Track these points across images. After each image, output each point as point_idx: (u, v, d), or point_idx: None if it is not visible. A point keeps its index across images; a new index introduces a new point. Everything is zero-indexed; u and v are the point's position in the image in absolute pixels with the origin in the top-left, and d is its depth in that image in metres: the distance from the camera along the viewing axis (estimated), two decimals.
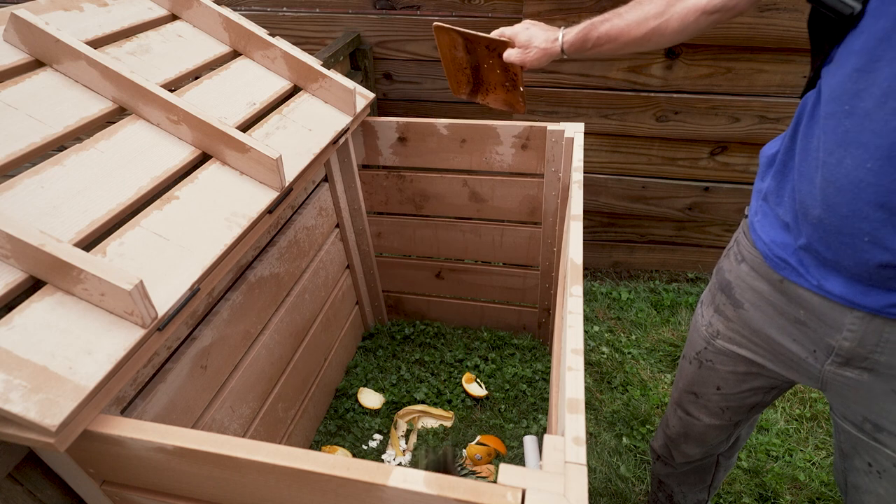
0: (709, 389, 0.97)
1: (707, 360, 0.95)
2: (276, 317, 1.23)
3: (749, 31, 1.63)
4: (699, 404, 1.00)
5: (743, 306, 0.85)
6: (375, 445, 1.45)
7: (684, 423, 1.06)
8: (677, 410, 1.06)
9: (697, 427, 1.03)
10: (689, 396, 1.02)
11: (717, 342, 0.92)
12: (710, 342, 0.93)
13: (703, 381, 0.97)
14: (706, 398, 0.98)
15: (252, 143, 0.92)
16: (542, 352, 1.69)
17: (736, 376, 0.92)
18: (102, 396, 0.65)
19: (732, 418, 0.99)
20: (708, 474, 1.16)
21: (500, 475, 0.57)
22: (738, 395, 0.94)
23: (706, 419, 1.01)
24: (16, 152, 0.75)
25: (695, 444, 1.07)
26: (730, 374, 0.92)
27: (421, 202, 1.55)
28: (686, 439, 1.07)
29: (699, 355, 0.96)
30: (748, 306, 0.84)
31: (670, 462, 1.15)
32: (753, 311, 0.84)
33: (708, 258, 2.18)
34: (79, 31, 0.95)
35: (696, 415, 1.02)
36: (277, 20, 1.95)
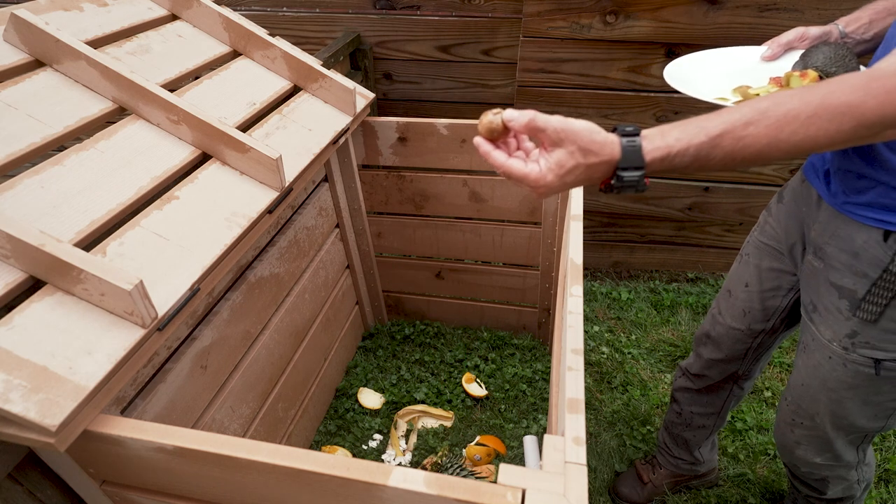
0: (739, 286, 1.09)
1: (746, 253, 1.09)
2: (276, 317, 1.23)
3: (749, 31, 1.63)
4: (729, 303, 1.12)
5: (783, 199, 1.01)
6: (375, 445, 1.45)
7: (712, 322, 1.17)
8: (712, 309, 1.18)
9: (720, 327, 1.15)
10: (725, 294, 1.14)
11: (754, 235, 1.07)
12: (753, 235, 1.08)
13: (737, 277, 1.10)
14: (735, 296, 1.10)
15: (252, 143, 0.92)
16: (542, 352, 1.69)
17: (761, 272, 1.05)
18: (102, 396, 0.65)
19: (751, 325, 1.09)
20: (720, 400, 1.26)
21: (500, 475, 0.57)
22: (760, 294, 1.06)
23: (729, 320, 1.12)
24: (16, 152, 0.75)
25: (713, 348, 1.17)
26: (756, 268, 1.06)
27: (421, 202, 1.55)
28: (707, 340, 1.19)
29: (743, 249, 1.11)
30: (786, 200, 1.00)
31: (689, 372, 1.26)
32: (788, 203, 0.99)
33: (708, 258, 2.18)
34: (79, 31, 0.95)
35: (723, 313, 1.14)
36: (277, 20, 1.95)
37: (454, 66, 1.94)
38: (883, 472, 1.49)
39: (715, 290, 2.12)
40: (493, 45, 1.86)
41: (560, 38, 1.72)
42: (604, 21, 1.67)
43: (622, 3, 1.63)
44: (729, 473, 1.49)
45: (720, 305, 1.15)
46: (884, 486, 1.46)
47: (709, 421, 1.29)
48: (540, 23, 1.70)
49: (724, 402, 1.25)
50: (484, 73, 1.94)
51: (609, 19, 1.66)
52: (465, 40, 1.87)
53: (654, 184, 2.00)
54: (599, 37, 1.70)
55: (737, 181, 1.95)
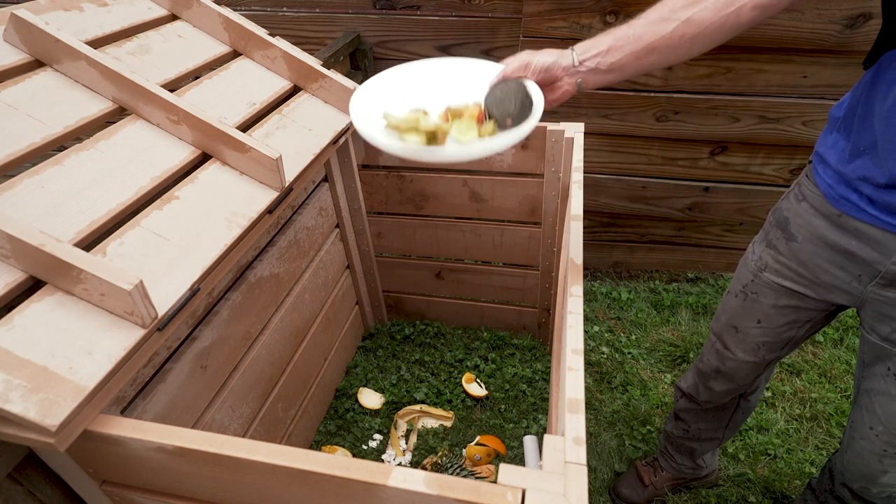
0: (749, 323, 1.04)
1: (752, 292, 1.02)
2: (276, 317, 1.23)
3: (749, 31, 1.61)
4: (738, 338, 1.07)
5: (796, 239, 0.94)
6: (375, 445, 1.45)
7: (720, 358, 1.12)
8: (715, 344, 1.12)
9: (731, 362, 1.10)
10: (730, 330, 1.08)
11: (763, 275, 1.00)
12: (757, 275, 1.01)
13: (745, 314, 1.04)
14: (745, 332, 1.05)
15: (252, 143, 0.92)
16: (542, 352, 1.69)
17: (776, 310, 1.00)
18: (102, 396, 0.65)
19: (766, 356, 1.06)
20: (727, 415, 1.23)
21: (500, 475, 0.57)
22: (775, 330, 1.02)
23: (741, 355, 1.07)
24: (16, 152, 0.75)
25: (724, 381, 1.13)
26: (771, 307, 1.00)
27: (421, 202, 1.55)
28: (717, 375, 1.14)
29: (745, 288, 1.04)
30: (801, 239, 0.93)
31: (695, 399, 1.22)
32: (805, 243, 0.92)
33: (708, 258, 2.18)
34: (79, 31, 0.95)
35: (733, 349, 1.08)
36: (277, 20, 1.95)
37: None
38: None
39: (715, 290, 2.12)
40: (493, 45, 1.86)
41: (560, 38, 1.72)
42: (604, 21, 1.67)
43: (622, 3, 1.63)
44: (729, 473, 1.49)
45: (725, 341, 1.10)
46: None
47: (717, 434, 1.28)
48: (540, 23, 1.70)
49: (732, 415, 1.24)
50: None
51: (609, 19, 1.66)
52: (465, 40, 1.87)
53: (654, 184, 2.00)
54: None
55: (737, 181, 1.95)
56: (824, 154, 0.89)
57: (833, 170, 0.87)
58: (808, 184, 0.93)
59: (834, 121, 0.88)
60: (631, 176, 2.01)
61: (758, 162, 1.90)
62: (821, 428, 1.60)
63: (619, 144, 1.93)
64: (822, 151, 0.89)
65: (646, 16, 0.79)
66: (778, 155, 1.87)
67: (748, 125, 1.81)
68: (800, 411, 1.64)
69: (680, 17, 0.76)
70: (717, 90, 1.76)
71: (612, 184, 2.03)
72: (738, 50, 1.67)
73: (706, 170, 1.94)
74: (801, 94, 1.73)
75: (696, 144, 1.89)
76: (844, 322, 1.92)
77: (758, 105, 1.76)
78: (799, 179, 0.97)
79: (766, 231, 1.02)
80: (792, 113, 1.77)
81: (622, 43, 0.78)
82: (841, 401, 1.67)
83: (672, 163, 1.94)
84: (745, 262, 1.06)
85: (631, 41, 0.78)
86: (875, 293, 0.87)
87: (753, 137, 1.83)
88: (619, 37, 0.79)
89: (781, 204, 1.00)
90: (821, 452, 1.54)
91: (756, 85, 1.73)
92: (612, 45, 0.78)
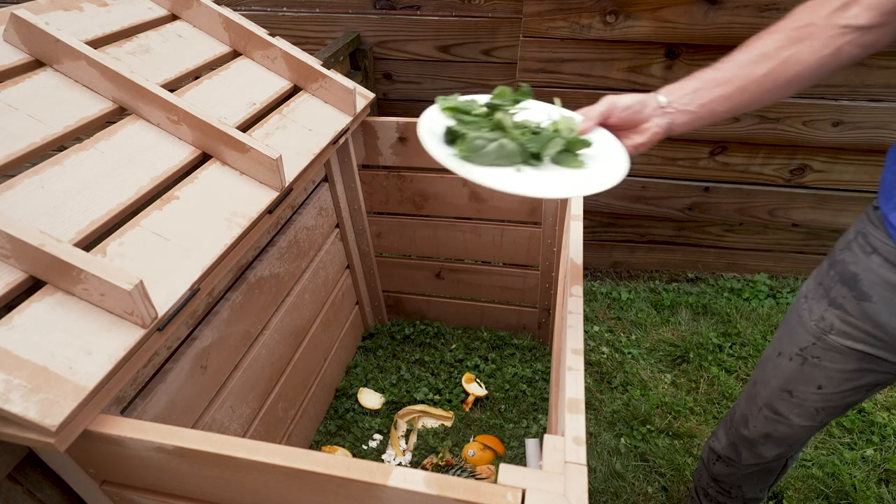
0: (808, 388, 0.93)
1: (814, 356, 0.91)
2: (276, 317, 1.23)
3: (749, 32, 1.61)
4: (793, 403, 0.96)
5: (871, 299, 0.81)
6: (375, 445, 1.45)
7: (770, 424, 1.02)
8: (763, 410, 1.02)
9: (784, 428, 1.00)
10: (783, 395, 0.97)
11: (829, 337, 0.88)
12: (820, 338, 0.89)
13: (804, 378, 0.93)
14: (802, 397, 0.95)
15: (252, 143, 0.92)
16: (542, 352, 1.69)
17: (843, 374, 0.89)
18: (102, 396, 0.65)
19: (824, 419, 0.96)
20: (773, 475, 1.14)
21: (500, 475, 0.57)
22: (839, 395, 0.91)
23: (797, 420, 0.97)
24: (16, 152, 0.75)
25: (775, 446, 1.04)
26: (837, 371, 0.89)
27: (421, 202, 1.55)
28: (767, 440, 1.04)
29: (804, 352, 0.92)
30: (877, 299, 0.81)
31: (735, 463, 1.12)
32: (882, 304, 0.80)
33: (708, 258, 2.18)
34: (79, 31, 0.95)
35: (787, 415, 0.98)
36: (277, 20, 1.95)
37: (454, 66, 1.94)
38: (883, 472, 1.49)
39: (715, 290, 2.12)
40: (493, 45, 1.86)
41: (560, 38, 1.72)
42: (604, 21, 1.67)
43: (622, 3, 1.63)
44: None
45: (777, 406, 0.99)
46: (884, 485, 1.46)
47: (762, 494, 1.18)
48: (540, 23, 1.70)
49: (778, 475, 1.15)
50: (484, 73, 1.94)
51: (609, 19, 1.67)
52: (465, 40, 1.87)
53: (654, 184, 2.00)
54: (599, 37, 1.70)
55: (737, 181, 1.95)
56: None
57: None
58: (879, 234, 0.80)
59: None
60: (631, 176, 2.00)
61: (758, 162, 1.90)
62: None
63: None
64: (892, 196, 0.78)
65: (734, 58, 0.76)
66: (778, 155, 1.87)
67: (748, 125, 1.81)
68: None
69: (775, 59, 0.73)
70: None
71: None
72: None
73: (706, 170, 1.94)
74: (801, 93, 1.73)
75: (696, 144, 1.89)
76: None
77: None
78: (861, 227, 0.85)
79: (825, 287, 0.89)
80: (792, 113, 1.77)
81: (710, 85, 0.76)
82: None
83: (672, 163, 1.94)
84: (800, 321, 0.93)
85: (720, 83, 0.75)
86: None
87: (753, 137, 1.83)
88: (707, 79, 0.76)
89: (843, 255, 0.86)
90: (821, 452, 1.54)
91: None
92: (699, 87, 0.76)
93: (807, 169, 1.90)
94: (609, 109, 0.78)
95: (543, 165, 0.75)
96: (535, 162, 0.75)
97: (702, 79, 0.77)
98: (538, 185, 0.71)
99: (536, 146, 0.74)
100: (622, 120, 0.78)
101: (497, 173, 0.72)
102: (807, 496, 1.44)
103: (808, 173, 1.91)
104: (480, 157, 0.72)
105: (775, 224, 2.05)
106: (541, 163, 0.75)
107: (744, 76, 0.74)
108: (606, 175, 0.72)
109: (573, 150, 0.76)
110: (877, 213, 0.82)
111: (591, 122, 0.79)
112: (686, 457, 1.54)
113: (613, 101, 0.78)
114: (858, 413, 1.63)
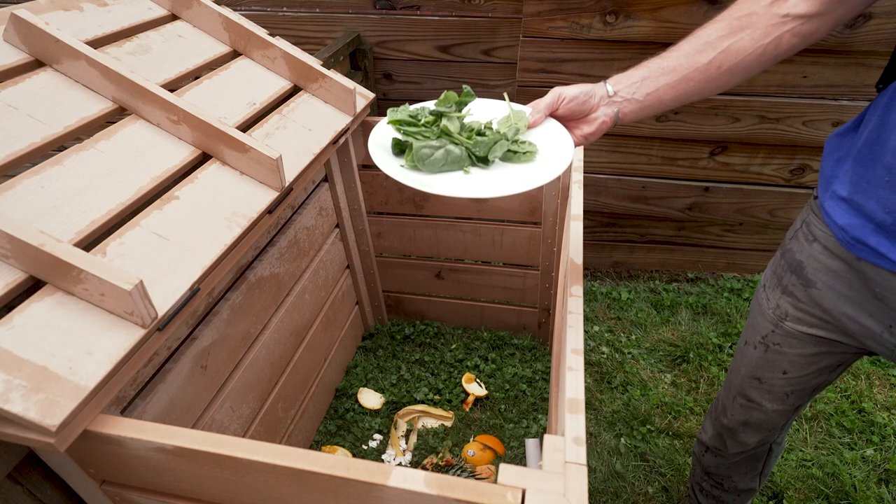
0: (775, 374, 0.97)
1: (775, 343, 0.94)
2: (276, 317, 1.23)
3: None
4: (763, 389, 1.00)
5: (815, 286, 0.84)
6: (375, 445, 1.45)
7: (745, 411, 1.05)
8: (737, 399, 1.06)
9: (759, 414, 1.03)
10: (753, 382, 1.01)
11: (785, 324, 0.91)
12: (777, 325, 0.93)
13: (769, 365, 0.97)
14: (771, 383, 0.98)
15: (252, 143, 0.92)
16: (542, 352, 1.69)
17: (804, 358, 0.92)
18: (102, 396, 0.64)
19: (795, 402, 0.99)
20: (760, 462, 1.16)
21: (500, 475, 0.57)
22: (804, 378, 0.94)
23: (769, 405, 1.01)
24: (16, 152, 0.75)
25: (754, 432, 1.07)
26: (798, 356, 0.92)
27: (421, 202, 1.55)
28: (745, 427, 1.07)
29: (765, 339, 0.96)
30: (821, 285, 0.84)
31: (722, 453, 1.15)
32: (826, 290, 0.83)
33: (708, 258, 2.18)
34: (79, 31, 0.95)
35: (759, 401, 1.02)
36: (277, 20, 1.95)
37: (454, 66, 1.94)
38: (883, 472, 1.49)
39: (715, 290, 2.12)
40: (493, 45, 1.86)
41: (560, 38, 1.72)
42: (604, 21, 1.67)
43: (622, 3, 1.63)
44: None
45: (748, 393, 1.03)
46: (884, 485, 1.46)
47: (753, 483, 1.20)
48: (540, 23, 1.70)
49: (766, 461, 1.18)
50: (484, 73, 1.94)
51: (609, 19, 1.67)
52: (465, 40, 1.87)
53: (654, 184, 2.00)
54: (599, 37, 1.70)
55: (737, 181, 1.95)
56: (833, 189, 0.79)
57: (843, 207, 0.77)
58: (818, 223, 0.83)
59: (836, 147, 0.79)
60: (631, 176, 2.01)
61: (758, 162, 1.90)
62: (821, 428, 1.60)
63: (619, 144, 1.93)
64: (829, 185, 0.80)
65: (679, 48, 0.76)
66: (778, 155, 1.87)
67: (748, 125, 1.81)
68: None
69: (717, 48, 0.73)
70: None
71: (612, 184, 2.03)
72: None
73: (706, 170, 1.94)
74: (801, 94, 1.73)
75: (696, 144, 1.89)
76: None
77: (758, 105, 1.77)
78: (805, 216, 0.87)
79: (778, 276, 0.92)
80: (792, 113, 1.77)
81: (656, 74, 0.76)
82: (841, 401, 1.67)
83: (672, 163, 1.94)
84: (760, 310, 0.97)
85: (666, 72, 0.76)
86: None
87: (753, 137, 1.83)
88: (653, 68, 0.77)
89: (791, 245, 0.89)
90: (821, 452, 1.53)
91: (756, 85, 1.73)
92: (646, 76, 0.77)
93: (807, 169, 1.90)
94: (556, 101, 0.79)
95: (493, 165, 0.77)
96: (484, 164, 0.77)
97: (648, 68, 0.78)
98: (485, 187, 0.72)
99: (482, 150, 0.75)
100: (570, 111, 0.79)
101: (444, 179, 0.73)
102: (807, 496, 1.44)
103: (808, 173, 1.91)
104: (429, 165, 0.74)
105: (775, 224, 2.05)
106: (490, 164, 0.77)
107: (688, 65, 0.75)
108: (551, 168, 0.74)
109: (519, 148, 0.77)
110: (816, 203, 0.84)
111: (540, 115, 0.80)
112: (686, 457, 1.54)
113: (560, 92, 0.79)
114: (858, 413, 1.63)
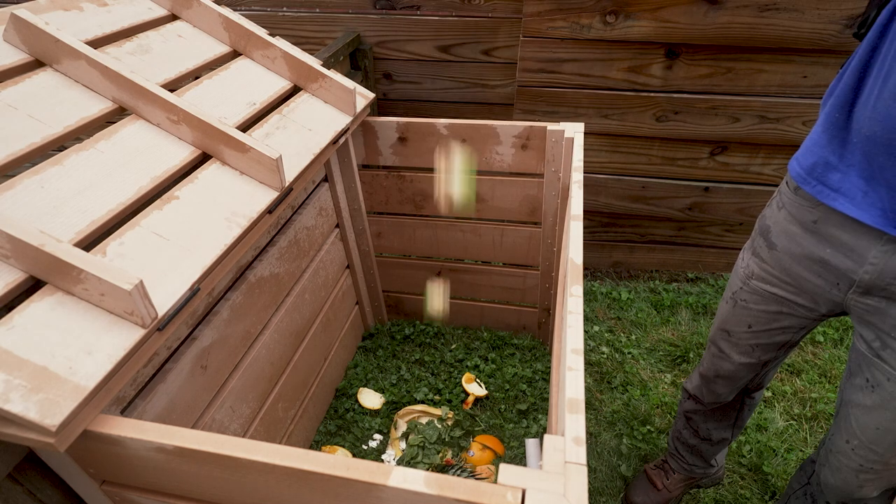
0: (740, 328, 1.06)
1: (742, 299, 1.04)
2: (276, 317, 1.23)
3: (749, 31, 1.63)
4: (731, 342, 1.09)
5: (777, 247, 0.95)
6: (375, 445, 1.45)
7: (717, 361, 1.14)
8: (711, 348, 1.16)
9: (727, 365, 1.12)
10: (723, 334, 1.11)
11: (751, 282, 1.01)
12: (745, 282, 1.03)
13: (736, 319, 1.06)
14: (737, 336, 1.08)
15: (252, 143, 0.92)
16: (542, 352, 1.69)
17: (767, 315, 1.01)
18: (102, 396, 0.64)
19: (761, 357, 1.08)
20: (733, 412, 1.25)
21: (500, 475, 0.57)
22: (767, 333, 1.03)
23: (736, 357, 1.10)
24: (16, 152, 0.75)
25: (724, 383, 1.16)
26: (761, 312, 1.02)
27: (421, 202, 1.55)
28: (717, 377, 1.16)
29: (735, 295, 1.06)
30: (781, 248, 0.94)
31: (700, 400, 1.24)
32: (784, 253, 0.94)
33: (708, 258, 2.18)
34: (79, 31, 0.95)
35: (728, 352, 1.11)
36: (277, 20, 1.95)
37: (454, 66, 1.94)
38: None
39: (715, 290, 2.12)
40: (493, 45, 1.86)
41: (560, 38, 1.72)
42: (604, 21, 1.67)
43: (622, 3, 1.63)
44: (729, 473, 1.49)
45: (720, 345, 1.12)
46: None
47: (727, 433, 1.29)
48: (540, 23, 1.70)
49: (739, 413, 1.26)
50: (484, 73, 1.94)
51: (609, 19, 1.67)
52: (465, 40, 1.87)
53: (654, 184, 2.00)
54: (599, 37, 1.70)
55: (737, 181, 1.95)
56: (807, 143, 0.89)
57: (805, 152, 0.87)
58: (787, 190, 0.93)
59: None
60: (631, 176, 2.01)
61: (758, 162, 1.90)
62: (821, 428, 1.60)
63: (619, 144, 1.93)
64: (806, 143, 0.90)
65: None
66: (778, 155, 1.87)
67: (748, 125, 1.81)
68: (799, 411, 1.64)
69: None
70: (717, 90, 1.76)
71: (612, 184, 2.03)
72: (738, 50, 1.67)
73: (706, 170, 1.94)
74: (801, 94, 1.73)
75: (696, 144, 1.89)
76: (845, 322, 1.92)
77: (758, 105, 1.76)
78: (781, 187, 0.97)
79: (752, 239, 1.03)
80: (792, 113, 1.77)
81: None
82: None
83: (672, 163, 1.94)
84: (735, 269, 1.07)
85: None
86: (855, 300, 0.87)
87: (753, 137, 1.83)
88: None
89: (766, 211, 1.00)
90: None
91: (756, 85, 1.73)
92: None
93: None
94: None
95: None
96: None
97: None
98: None
99: None
100: None
101: None
102: None
103: None
104: None
105: None
106: None
107: None
108: None
109: None
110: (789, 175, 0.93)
111: None
112: None
113: None
114: None
